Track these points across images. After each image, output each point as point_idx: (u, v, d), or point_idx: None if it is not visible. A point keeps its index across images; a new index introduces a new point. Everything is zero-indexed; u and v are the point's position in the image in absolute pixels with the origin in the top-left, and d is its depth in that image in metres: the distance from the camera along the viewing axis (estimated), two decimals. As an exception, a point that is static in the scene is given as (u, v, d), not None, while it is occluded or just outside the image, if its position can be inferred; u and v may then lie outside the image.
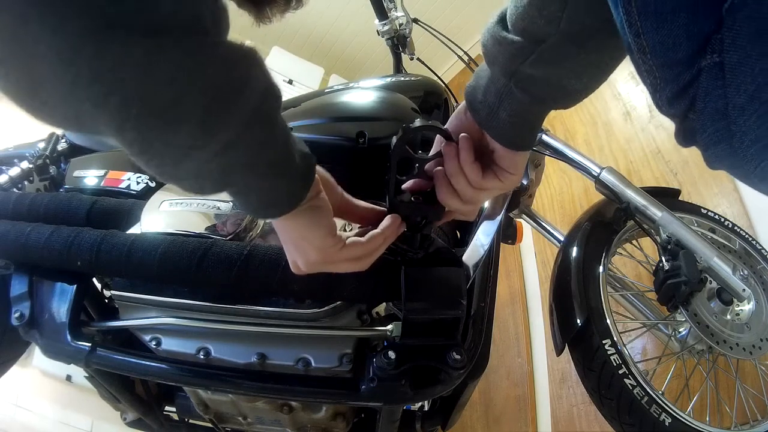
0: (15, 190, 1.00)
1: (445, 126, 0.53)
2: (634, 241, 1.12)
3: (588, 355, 0.86)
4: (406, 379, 0.62)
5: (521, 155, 0.51)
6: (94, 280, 0.79)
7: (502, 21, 0.44)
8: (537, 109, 0.48)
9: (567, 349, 0.90)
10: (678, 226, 0.93)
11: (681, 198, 1.15)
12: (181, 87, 0.31)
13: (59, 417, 2.05)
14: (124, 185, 0.91)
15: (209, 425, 0.91)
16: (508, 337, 2.00)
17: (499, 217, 0.75)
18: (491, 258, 0.75)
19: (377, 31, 1.28)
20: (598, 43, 0.40)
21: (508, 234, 1.11)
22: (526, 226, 1.19)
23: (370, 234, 0.53)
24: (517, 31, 0.42)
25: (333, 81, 3.41)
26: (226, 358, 0.69)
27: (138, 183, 0.91)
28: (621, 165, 1.79)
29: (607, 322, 0.87)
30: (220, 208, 0.73)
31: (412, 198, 0.56)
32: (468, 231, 0.79)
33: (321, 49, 3.42)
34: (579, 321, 0.87)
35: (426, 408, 0.89)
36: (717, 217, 1.11)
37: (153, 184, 0.90)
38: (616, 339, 0.85)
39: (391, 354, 0.61)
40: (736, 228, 1.10)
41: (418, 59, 1.32)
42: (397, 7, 1.26)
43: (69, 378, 2.06)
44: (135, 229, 0.75)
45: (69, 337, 0.70)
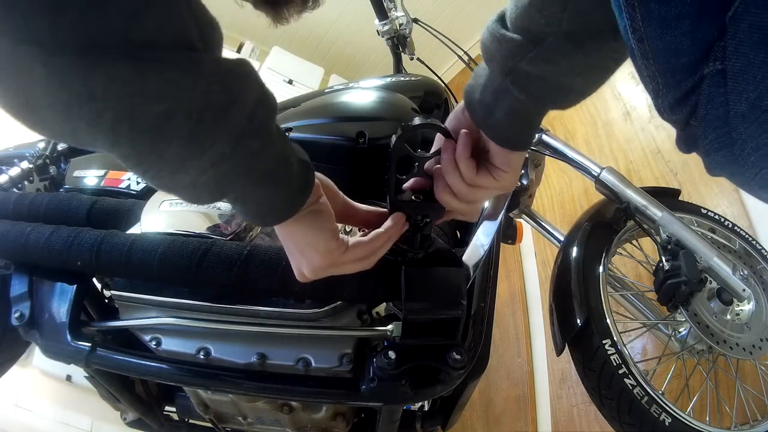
0: (15, 190, 1.01)
1: (447, 124, 0.53)
2: (634, 241, 1.12)
3: (588, 355, 0.86)
4: (406, 379, 0.62)
5: (516, 155, 0.51)
6: (94, 280, 0.79)
7: (502, 19, 0.44)
8: (534, 109, 0.48)
9: (567, 349, 0.90)
10: (678, 226, 0.93)
11: (681, 198, 1.15)
12: (171, 102, 0.31)
13: (59, 417, 2.05)
14: (124, 185, 0.91)
15: (209, 425, 0.91)
16: (508, 337, 2.00)
17: (499, 217, 0.75)
18: (491, 258, 0.75)
19: (377, 31, 1.28)
20: (598, 45, 0.40)
21: (508, 234, 1.11)
22: (526, 226, 1.19)
23: (373, 233, 0.53)
24: (516, 29, 0.42)
25: (333, 81, 3.41)
26: (226, 358, 0.69)
27: (138, 183, 0.91)
28: (621, 165, 1.79)
29: (607, 322, 0.87)
30: (220, 208, 0.73)
31: (413, 197, 0.56)
32: (468, 231, 0.79)
33: (321, 49, 3.42)
34: (579, 321, 0.87)
35: (426, 408, 0.89)
36: (717, 217, 1.11)
37: (153, 184, 0.89)
38: (616, 339, 0.85)
39: (391, 354, 0.61)
40: (736, 228, 1.10)
41: (418, 59, 1.32)
42: (397, 7, 1.26)
43: (69, 378, 2.06)
44: (135, 229, 0.75)
45: (69, 337, 0.70)
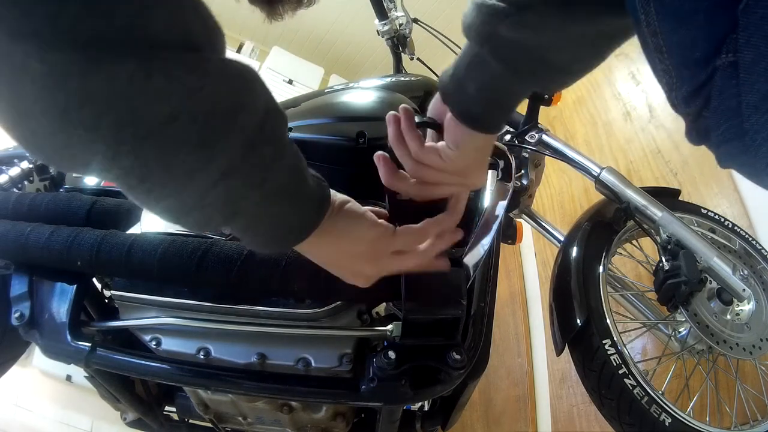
0: (15, 190, 1.00)
1: (428, 114, 0.52)
2: (634, 241, 1.12)
3: (588, 355, 0.86)
4: (406, 379, 0.61)
5: (469, 135, 0.47)
6: (94, 280, 0.79)
7: None
8: (510, 84, 0.44)
9: (567, 349, 0.90)
10: (678, 226, 0.93)
11: (681, 198, 1.15)
12: (176, 103, 0.29)
13: (59, 417, 2.05)
14: (124, 185, 0.91)
15: (209, 425, 0.91)
16: (508, 337, 2.00)
17: (499, 217, 0.75)
18: (491, 258, 0.75)
19: (377, 31, 1.28)
20: (585, 15, 0.38)
21: (508, 234, 1.11)
22: (526, 226, 1.19)
23: (424, 221, 0.51)
24: None
25: (333, 81, 3.41)
26: (226, 358, 0.69)
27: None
28: (621, 165, 1.79)
29: (607, 322, 0.86)
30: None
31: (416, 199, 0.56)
32: (468, 231, 0.79)
33: (321, 49, 3.42)
34: (579, 321, 0.87)
35: (426, 408, 0.89)
36: (717, 217, 1.10)
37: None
38: (616, 339, 0.85)
39: (391, 354, 0.61)
40: (736, 228, 1.10)
41: (418, 59, 1.32)
42: (397, 7, 1.26)
43: (69, 378, 2.06)
44: (135, 229, 0.75)
45: (69, 337, 0.70)
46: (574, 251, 0.95)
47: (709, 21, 0.27)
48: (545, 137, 1.08)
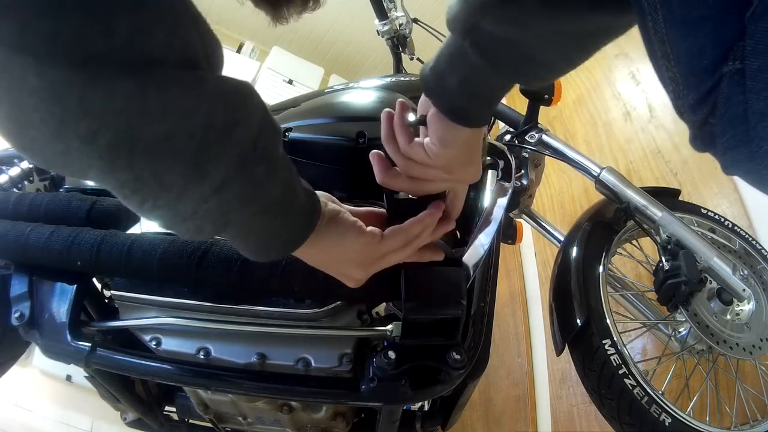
0: (15, 190, 1.00)
1: (418, 111, 0.52)
2: (634, 241, 1.12)
3: (588, 355, 0.86)
4: (406, 379, 0.61)
5: (453, 131, 0.46)
6: (94, 280, 0.79)
7: None
8: (491, 79, 0.44)
9: (567, 349, 0.90)
10: (678, 226, 0.93)
11: (681, 198, 1.15)
12: (173, 122, 0.30)
13: (59, 417, 2.05)
14: (124, 185, 0.91)
15: (209, 425, 0.91)
16: (508, 337, 2.00)
17: (499, 217, 0.75)
18: (491, 258, 0.75)
19: (377, 31, 1.28)
20: (571, 12, 0.37)
21: (508, 234, 1.11)
22: (526, 226, 1.19)
23: (409, 220, 0.51)
24: None
25: (333, 81, 3.41)
26: (226, 358, 0.70)
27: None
28: (621, 165, 1.79)
29: (607, 322, 0.87)
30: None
31: (410, 195, 0.56)
32: (468, 231, 0.79)
33: (321, 49, 3.42)
34: (579, 321, 0.87)
35: (426, 408, 0.89)
36: (717, 217, 1.10)
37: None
38: (616, 339, 0.85)
39: (391, 354, 0.61)
40: (736, 228, 1.10)
41: (418, 59, 1.32)
42: (397, 7, 1.26)
43: (69, 378, 2.06)
44: (135, 229, 0.75)
45: (69, 337, 0.70)
46: (574, 251, 0.96)
47: (716, 28, 0.27)
48: (545, 137, 1.08)
